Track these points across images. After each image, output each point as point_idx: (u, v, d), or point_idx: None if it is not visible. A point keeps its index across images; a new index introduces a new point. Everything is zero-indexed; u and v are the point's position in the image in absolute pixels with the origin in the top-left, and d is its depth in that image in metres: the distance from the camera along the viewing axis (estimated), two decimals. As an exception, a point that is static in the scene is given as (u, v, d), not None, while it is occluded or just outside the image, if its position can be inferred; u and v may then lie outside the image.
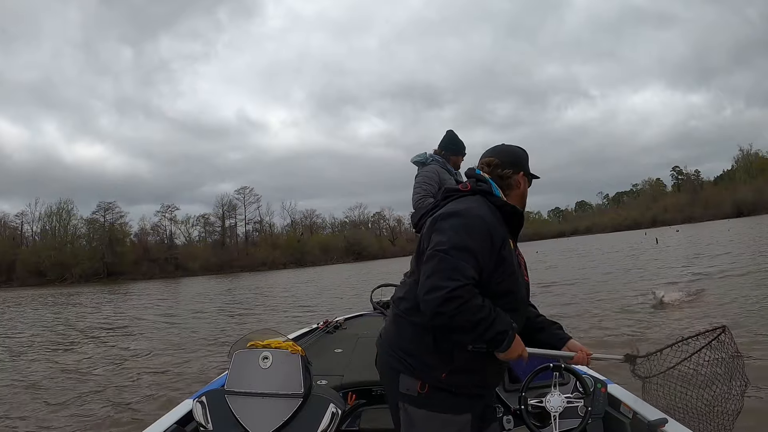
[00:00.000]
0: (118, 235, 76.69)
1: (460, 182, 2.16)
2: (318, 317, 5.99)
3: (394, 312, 1.99)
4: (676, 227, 66.15)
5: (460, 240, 1.71)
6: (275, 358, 2.57)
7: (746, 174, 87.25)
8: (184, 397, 3.11)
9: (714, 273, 13.32)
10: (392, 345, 1.92)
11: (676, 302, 9.35)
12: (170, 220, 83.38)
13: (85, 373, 7.58)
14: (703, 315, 8.17)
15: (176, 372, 7.30)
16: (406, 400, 1.85)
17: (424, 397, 1.82)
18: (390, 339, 1.94)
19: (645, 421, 2.35)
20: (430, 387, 1.81)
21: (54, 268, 67.85)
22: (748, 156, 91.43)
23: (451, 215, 1.79)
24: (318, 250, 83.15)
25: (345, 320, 5.17)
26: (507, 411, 2.51)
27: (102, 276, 68.95)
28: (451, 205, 1.85)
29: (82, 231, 78.14)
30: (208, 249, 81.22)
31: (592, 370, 2.92)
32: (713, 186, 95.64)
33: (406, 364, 1.84)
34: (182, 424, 2.63)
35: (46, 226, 78.39)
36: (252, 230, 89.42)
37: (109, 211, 77.61)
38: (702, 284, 11.49)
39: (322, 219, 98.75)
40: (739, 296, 9.38)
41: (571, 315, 9.47)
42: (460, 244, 1.70)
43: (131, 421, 5.23)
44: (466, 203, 1.84)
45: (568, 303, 11.20)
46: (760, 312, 7.56)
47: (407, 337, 1.87)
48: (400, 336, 1.90)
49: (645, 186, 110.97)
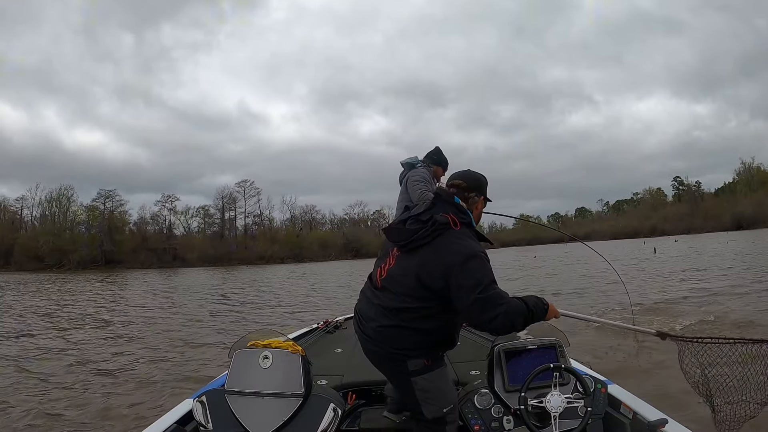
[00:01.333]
0: (117, 223, 76.73)
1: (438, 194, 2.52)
2: (316, 315, 5.95)
3: (395, 323, 2.30)
4: (675, 237, 66.11)
5: (488, 271, 2.19)
6: (275, 358, 2.59)
7: (747, 187, 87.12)
8: (184, 396, 3.11)
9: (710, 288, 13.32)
10: (395, 346, 2.31)
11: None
12: (170, 210, 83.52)
13: (83, 372, 7.50)
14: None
15: (176, 371, 7.27)
16: (417, 375, 2.32)
17: (429, 367, 2.33)
18: (392, 342, 2.32)
19: (645, 422, 2.37)
20: (431, 359, 2.34)
21: (52, 253, 67.81)
22: (750, 169, 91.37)
23: (473, 257, 2.19)
24: (316, 246, 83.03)
25: (345, 320, 5.19)
26: (507, 411, 2.52)
27: (100, 263, 68.96)
28: (461, 244, 2.24)
29: (82, 218, 78.06)
30: (207, 241, 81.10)
31: (593, 371, 2.94)
32: (714, 198, 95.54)
33: (413, 354, 2.31)
34: (182, 423, 2.64)
35: (45, 212, 78.38)
36: (251, 224, 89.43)
37: (110, 198, 77.72)
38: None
39: (322, 215, 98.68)
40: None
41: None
42: (490, 273, 2.19)
43: (131, 420, 5.21)
44: (470, 241, 2.28)
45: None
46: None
47: (412, 340, 2.30)
48: (404, 339, 2.30)
49: (645, 195, 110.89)
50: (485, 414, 2.53)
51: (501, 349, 2.64)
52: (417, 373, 2.32)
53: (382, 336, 2.33)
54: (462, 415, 2.54)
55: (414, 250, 2.30)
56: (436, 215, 2.30)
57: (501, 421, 2.52)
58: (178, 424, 2.61)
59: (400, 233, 2.39)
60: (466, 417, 2.54)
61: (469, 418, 2.53)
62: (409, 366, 2.31)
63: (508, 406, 2.52)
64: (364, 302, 2.50)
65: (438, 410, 2.35)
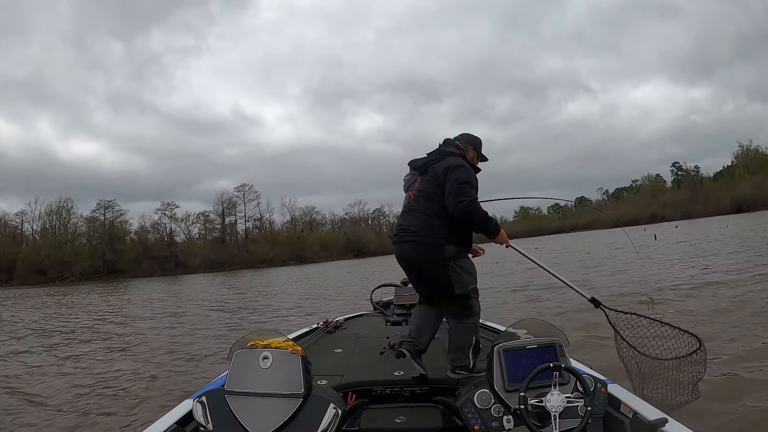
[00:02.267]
0: (118, 233, 76.86)
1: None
2: (317, 317, 5.97)
3: (431, 222, 3.25)
4: (675, 223, 66.01)
5: (470, 178, 3.26)
6: (275, 358, 2.58)
7: (746, 170, 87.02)
8: (184, 396, 3.12)
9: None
10: (437, 235, 3.22)
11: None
12: (170, 217, 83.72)
13: (82, 373, 7.55)
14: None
15: (176, 371, 7.28)
16: (453, 260, 3.23)
17: (459, 253, 3.29)
18: (433, 233, 3.23)
19: (645, 421, 2.36)
20: (460, 248, 3.31)
21: (54, 266, 67.90)
22: (748, 152, 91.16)
23: (461, 165, 3.27)
24: (318, 247, 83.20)
25: (345, 320, 5.20)
26: (507, 410, 2.51)
27: (102, 274, 69.16)
28: (453, 159, 3.31)
29: (83, 229, 78.17)
30: (208, 246, 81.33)
31: (593, 370, 2.94)
32: (713, 182, 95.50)
33: (448, 241, 3.22)
34: (182, 424, 2.63)
35: (46, 225, 78.27)
36: (252, 227, 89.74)
37: (109, 209, 77.89)
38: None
39: (322, 216, 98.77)
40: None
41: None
42: (471, 180, 3.26)
43: (131, 420, 5.22)
44: (461, 159, 3.36)
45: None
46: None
47: (446, 230, 3.23)
48: (440, 230, 3.23)
49: (644, 182, 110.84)
50: (485, 413, 2.52)
51: (501, 348, 2.64)
52: (451, 259, 3.21)
53: (425, 231, 3.24)
54: (462, 414, 2.54)
55: (429, 170, 3.37)
56: (443, 148, 3.47)
57: (501, 420, 2.50)
58: (178, 425, 2.61)
59: (418, 161, 3.49)
60: (465, 416, 2.53)
61: (468, 418, 2.52)
62: (446, 252, 3.20)
63: (507, 405, 2.51)
64: (402, 219, 3.47)
65: (464, 287, 3.24)
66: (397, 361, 3.29)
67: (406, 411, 2.95)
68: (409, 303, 6.07)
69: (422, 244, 3.24)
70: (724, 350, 5.90)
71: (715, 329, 6.92)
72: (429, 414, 2.92)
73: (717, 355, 5.57)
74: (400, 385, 3.20)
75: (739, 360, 5.57)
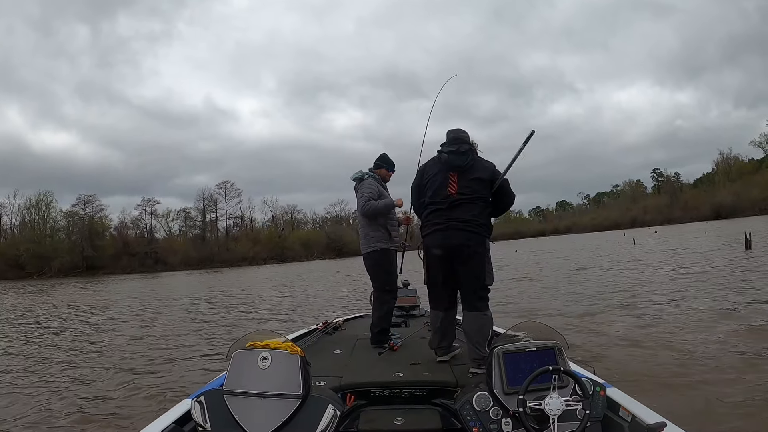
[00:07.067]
0: (98, 228, 75.74)
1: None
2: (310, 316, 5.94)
3: (477, 216, 3.58)
4: (654, 229, 67.00)
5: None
6: (274, 359, 2.58)
7: (725, 177, 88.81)
8: (183, 396, 3.09)
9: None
10: (479, 227, 3.59)
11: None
12: (150, 213, 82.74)
13: (80, 373, 7.42)
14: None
15: (174, 371, 7.21)
16: (486, 254, 3.63)
17: (488, 249, 3.70)
18: (476, 225, 3.57)
19: (644, 425, 2.37)
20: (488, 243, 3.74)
21: (33, 261, 66.64)
22: (728, 160, 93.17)
23: (496, 170, 3.68)
24: (299, 245, 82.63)
25: (344, 321, 5.22)
26: (505, 413, 2.51)
27: (81, 270, 68.10)
28: (486, 163, 3.74)
29: (62, 224, 77.02)
30: (189, 243, 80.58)
31: (592, 374, 2.96)
32: (692, 189, 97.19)
33: (487, 236, 3.68)
34: (180, 423, 2.61)
35: (25, 219, 77.16)
36: (233, 225, 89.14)
37: (89, 203, 76.63)
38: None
39: (303, 214, 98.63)
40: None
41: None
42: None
43: (129, 420, 5.15)
44: (489, 163, 3.74)
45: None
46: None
47: (487, 225, 3.66)
48: (484, 224, 3.62)
49: (625, 187, 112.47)
50: (483, 416, 2.52)
51: (500, 350, 2.64)
52: (487, 251, 3.67)
53: (475, 223, 3.56)
54: (460, 416, 2.54)
55: (469, 169, 3.65)
56: (467, 146, 3.75)
57: (499, 423, 2.50)
58: (176, 425, 2.58)
59: (456, 159, 3.68)
60: (464, 418, 2.53)
61: (467, 420, 2.52)
62: (486, 244, 3.65)
63: (506, 408, 2.51)
64: (441, 215, 3.64)
65: (491, 280, 3.68)
66: (396, 363, 3.30)
67: (405, 412, 2.96)
68: (408, 305, 6.08)
69: (473, 233, 3.55)
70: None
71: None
72: (427, 416, 2.93)
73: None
74: (399, 387, 3.21)
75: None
